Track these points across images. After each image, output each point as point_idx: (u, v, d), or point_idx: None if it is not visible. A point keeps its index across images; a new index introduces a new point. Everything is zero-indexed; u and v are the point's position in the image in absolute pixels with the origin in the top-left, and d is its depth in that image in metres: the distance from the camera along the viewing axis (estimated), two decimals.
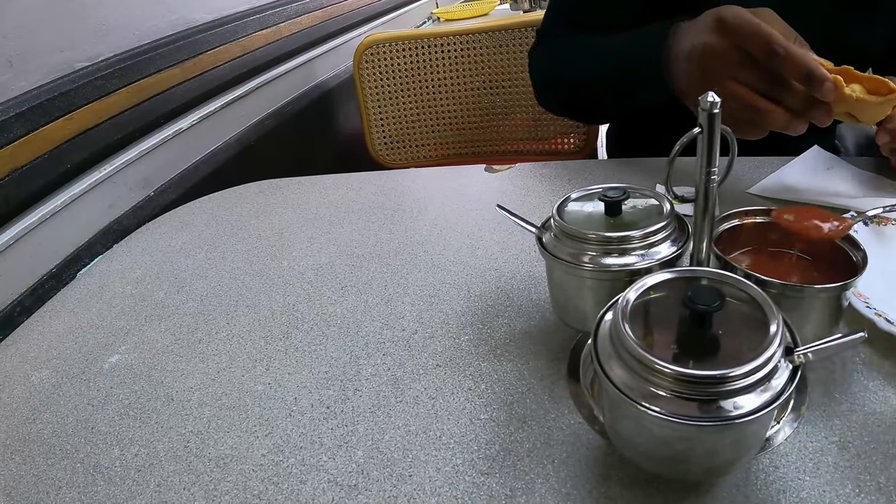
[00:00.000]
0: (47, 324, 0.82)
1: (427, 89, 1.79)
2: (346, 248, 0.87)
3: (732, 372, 0.37)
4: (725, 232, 0.60)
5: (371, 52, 1.75)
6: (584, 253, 0.54)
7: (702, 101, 0.48)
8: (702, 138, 0.49)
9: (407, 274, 0.78)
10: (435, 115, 1.81)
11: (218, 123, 1.46)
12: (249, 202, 1.08)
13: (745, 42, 0.72)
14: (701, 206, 0.52)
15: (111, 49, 1.22)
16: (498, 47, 1.73)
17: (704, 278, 0.45)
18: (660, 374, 0.38)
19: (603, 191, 0.58)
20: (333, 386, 0.61)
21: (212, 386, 0.65)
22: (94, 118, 1.13)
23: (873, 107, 0.73)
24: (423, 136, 1.83)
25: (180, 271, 0.89)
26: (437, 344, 0.65)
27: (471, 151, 1.84)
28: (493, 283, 0.75)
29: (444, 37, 1.75)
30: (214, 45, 1.48)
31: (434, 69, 1.77)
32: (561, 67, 1.12)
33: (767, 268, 0.59)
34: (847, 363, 0.58)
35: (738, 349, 0.40)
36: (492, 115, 1.80)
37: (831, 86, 0.68)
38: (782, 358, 0.40)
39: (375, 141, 1.82)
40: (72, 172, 1.08)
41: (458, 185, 1.04)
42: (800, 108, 0.72)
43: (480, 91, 1.78)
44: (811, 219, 0.57)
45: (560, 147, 1.82)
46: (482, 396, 0.58)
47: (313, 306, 0.75)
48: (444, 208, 0.96)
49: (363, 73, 1.76)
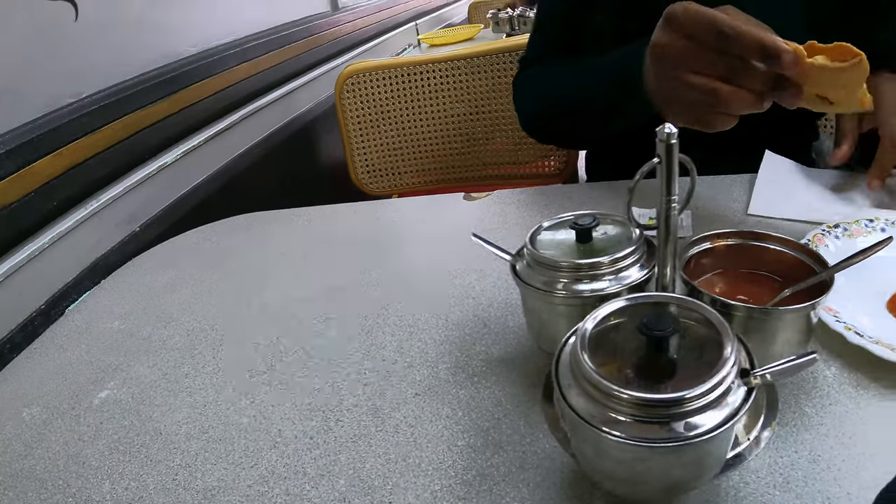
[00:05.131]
0: (38, 360, 0.84)
1: (408, 117, 1.82)
2: (328, 281, 0.89)
3: (685, 395, 0.40)
4: (697, 255, 0.63)
5: (352, 82, 1.78)
6: (556, 280, 0.57)
7: (658, 132, 0.50)
8: (660, 168, 0.51)
9: (387, 304, 0.81)
10: (416, 143, 1.84)
11: (202, 157, 1.49)
12: (233, 236, 1.10)
13: (693, 30, 0.71)
14: (663, 233, 0.55)
15: (97, 84, 1.25)
16: (477, 73, 1.76)
17: (660, 304, 0.48)
18: (615, 398, 0.41)
19: (574, 218, 0.61)
20: (316, 417, 0.64)
21: (199, 419, 0.67)
22: (82, 154, 1.16)
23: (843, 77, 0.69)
24: (405, 164, 1.86)
25: (166, 306, 0.91)
26: (416, 373, 0.68)
27: (453, 177, 1.87)
28: (470, 310, 0.77)
29: (424, 65, 1.78)
30: (197, 78, 1.51)
31: (414, 97, 1.81)
32: (544, 94, 1.14)
33: (738, 289, 0.62)
34: (819, 377, 0.61)
35: (694, 372, 0.42)
36: (473, 140, 1.83)
37: (791, 56, 0.65)
38: (736, 379, 0.42)
39: (358, 169, 1.84)
40: (59, 209, 1.10)
41: (437, 214, 1.07)
42: (765, 89, 0.70)
43: (461, 117, 1.81)
44: None
45: (541, 170, 1.85)
46: (459, 423, 0.60)
47: (296, 339, 0.77)
48: (423, 238, 0.98)
49: (344, 102, 1.79)
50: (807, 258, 0.60)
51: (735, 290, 0.62)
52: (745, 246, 0.63)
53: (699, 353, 0.45)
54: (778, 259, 0.61)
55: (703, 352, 0.44)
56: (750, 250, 0.63)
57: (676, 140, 0.50)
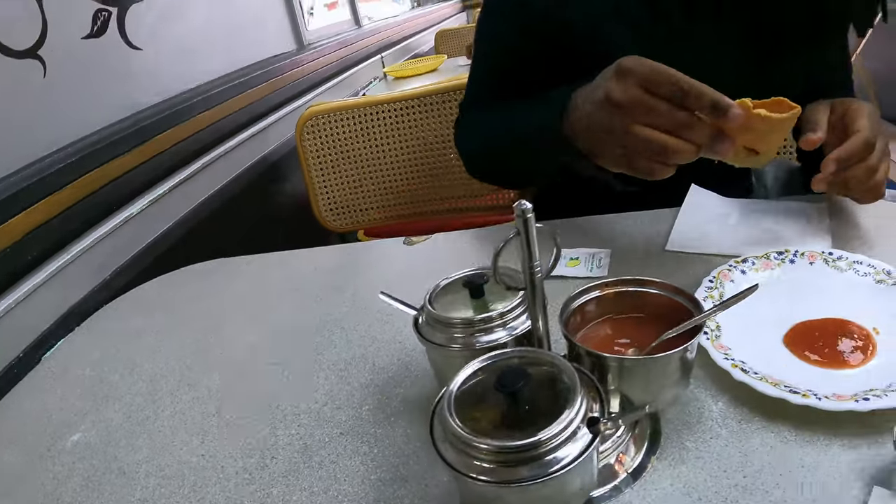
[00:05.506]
0: (17, 406, 0.95)
1: (368, 155, 1.93)
2: (275, 327, 1.01)
3: (532, 441, 0.49)
4: (585, 303, 0.70)
5: (311, 124, 1.89)
6: (449, 333, 0.67)
7: (515, 207, 0.57)
8: (520, 239, 0.59)
9: (323, 350, 0.92)
10: (376, 180, 1.95)
11: (167, 204, 1.60)
12: (193, 284, 1.21)
13: (650, 84, 0.74)
14: (530, 295, 0.62)
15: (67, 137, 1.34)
16: (429, 111, 1.88)
17: (518, 360, 0.58)
18: (475, 448, 0.50)
19: (468, 277, 0.70)
20: (255, 454, 0.75)
21: (157, 458, 0.77)
22: (53, 210, 1.26)
23: (776, 127, 0.77)
24: (367, 201, 1.96)
25: (133, 353, 1.02)
26: (342, 414, 0.79)
27: (413, 212, 1.98)
28: (395, 355, 0.88)
29: (379, 105, 1.89)
30: (162, 129, 1.62)
31: (373, 135, 1.91)
32: (480, 138, 1.19)
33: (624, 333, 0.68)
34: (705, 411, 0.67)
35: (546, 421, 0.51)
36: (429, 175, 1.94)
37: (738, 110, 0.71)
38: (582, 426, 0.51)
39: (321, 207, 1.95)
40: (34, 263, 1.21)
41: (378, 260, 1.19)
42: (705, 141, 0.75)
43: (417, 154, 1.92)
44: None
45: (495, 202, 1.97)
46: (375, 459, 0.71)
47: (243, 383, 0.88)
48: (363, 284, 1.09)
49: (305, 143, 1.90)
50: (685, 301, 0.66)
51: (621, 334, 0.68)
52: (630, 292, 0.69)
53: (552, 403, 0.53)
54: (660, 303, 0.68)
55: (555, 401, 0.53)
56: (635, 296, 0.69)
57: (532, 214, 0.57)
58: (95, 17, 1.60)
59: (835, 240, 0.96)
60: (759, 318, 0.78)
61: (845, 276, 0.86)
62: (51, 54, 1.42)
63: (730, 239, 1.00)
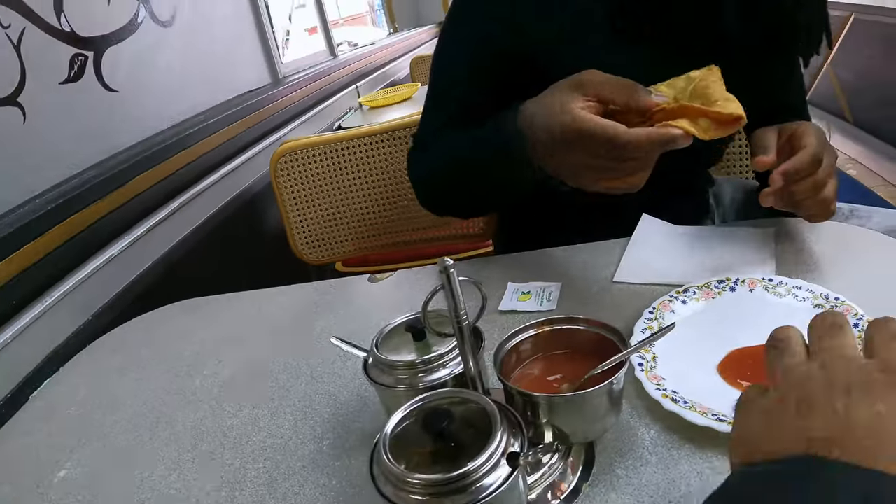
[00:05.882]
0: (6, 444, 1.02)
1: (341, 189, 1.99)
2: (247, 365, 1.08)
3: (458, 473, 0.56)
4: (521, 342, 0.76)
5: (285, 160, 1.95)
6: (394, 375, 0.74)
7: (439, 263, 0.63)
8: (445, 292, 0.65)
9: (290, 387, 1.00)
10: (351, 213, 2.01)
11: (146, 245, 1.67)
12: (172, 323, 1.29)
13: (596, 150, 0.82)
14: (459, 341, 0.69)
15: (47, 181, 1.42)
16: (399, 144, 1.94)
17: (444, 401, 0.65)
18: (407, 483, 0.58)
19: (410, 321, 0.77)
20: (225, 488, 0.82)
21: (137, 493, 0.85)
22: (34, 256, 1.33)
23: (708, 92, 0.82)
24: (342, 233, 2.03)
25: (115, 391, 1.09)
26: (305, 448, 0.86)
27: (388, 242, 2.04)
28: (356, 390, 0.96)
29: (351, 140, 1.96)
30: (140, 171, 1.69)
31: (345, 170, 1.97)
32: (431, 168, 1.22)
33: (557, 369, 0.73)
34: (637, 440, 0.72)
35: (470, 456, 0.57)
36: (400, 207, 2.00)
37: (682, 134, 0.78)
38: (502, 459, 0.58)
39: (298, 241, 2.01)
40: (18, 306, 1.28)
41: (344, 297, 1.26)
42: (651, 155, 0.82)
43: (389, 185, 1.98)
44: None
45: (465, 230, 2.05)
46: (333, 490, 0.79)
47: (216, 420, 0.96)
48: (328, 321, 1.17)
49: (280, 179, 1.96)
50: (613, 337, 0.70)
51: (554, 370, 0.73)
52: (563, 330, 0.75)
53: (476, 439, 0.60)
54: (590, 339, 0.72)
55: (479, 438, 0.59)
56: (567, 333, 0.74)
57: (454, 269, 0.64)
58: (72, 61, 1.67)
59: (780, 265, 0.99)
60: (697, 347, 0.82)
61: (784, 301, 0.89)
62: (30, 101, 1.49)
63: (676, 268, 1.03)
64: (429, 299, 0.69)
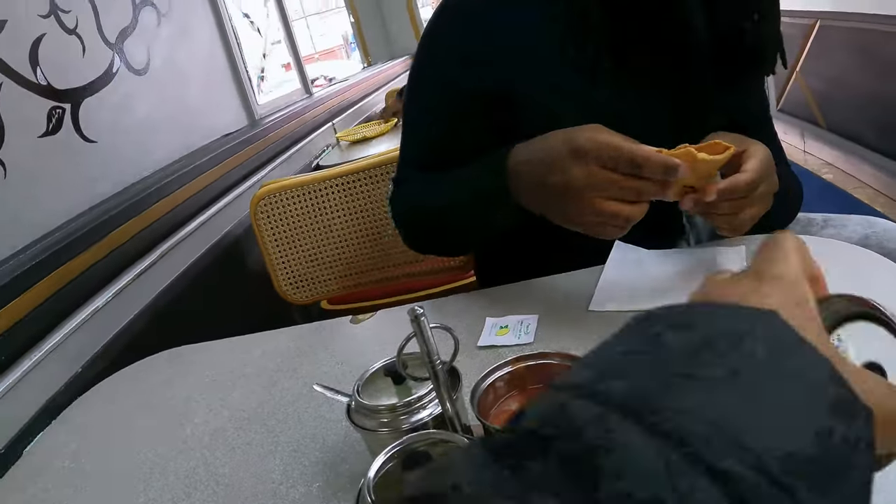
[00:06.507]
0: (2, 499, 1.04)
1: (322, 228, 2.02)
2: (236, 412, 1.11)
3: None
4: (497, 379, 0.80)
5: (265, 203, 1.98)
6: (376, 419, 0.78)
7: (409, 312, 0.68)
8: (417, 339, 0.70)
9: (280, 432, 1.03)
10: (333, 251, 2.04)
11: (131, 294, 1.70)
12: (160, 372, 1.32)
13: (607, 162, 0.84)
14: (435, 384, 0.73)
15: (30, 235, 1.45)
16: (377, 181, 1.98)
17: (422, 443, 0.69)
18: None
19: (388, 365, 0.82)
20: None
21: None
22: (23, 310, 1.36)
23: (713, 168, 0.87)
24: (326, 272, 2.05)
25: (107, 442, 1.12)
26: (295, 492, 0.90)
27: (369, 280, 2.07)
28: (343, 432, 0.99)
29: (329, 179, 1.99)
30: (120, 222, 1.72)
31: (325, 209, 2.01)
32: (415, 208, 1.24)
33: None
34: None
35: None
36: (381, 244, 2.03)
37: (685, 168, 0.82)
38: None
39: (281, 282, 2.04)
40: (7, 362, 1.30)
41: (327, 340, 1.30)
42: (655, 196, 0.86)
43: (370, 222, 2.02)
44: None
45: (447, 264, 2.08)
46: None
47: (208, 468, 0.99)
48: (313, 365, 1.20)
49: (260, 222, 1.99)
50: None
51: None
52: (538, 365, 0.79)
53: None
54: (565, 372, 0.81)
55: None
56: (541, 368, 0.79)
57: (426, 317, 0.68)
58: (50, 114, 1.71)
59: None
60: None
61: None
62: (10, 156, 1.52)
63: (650, 293, 1.05)
64: (403, 346, 0.73)
